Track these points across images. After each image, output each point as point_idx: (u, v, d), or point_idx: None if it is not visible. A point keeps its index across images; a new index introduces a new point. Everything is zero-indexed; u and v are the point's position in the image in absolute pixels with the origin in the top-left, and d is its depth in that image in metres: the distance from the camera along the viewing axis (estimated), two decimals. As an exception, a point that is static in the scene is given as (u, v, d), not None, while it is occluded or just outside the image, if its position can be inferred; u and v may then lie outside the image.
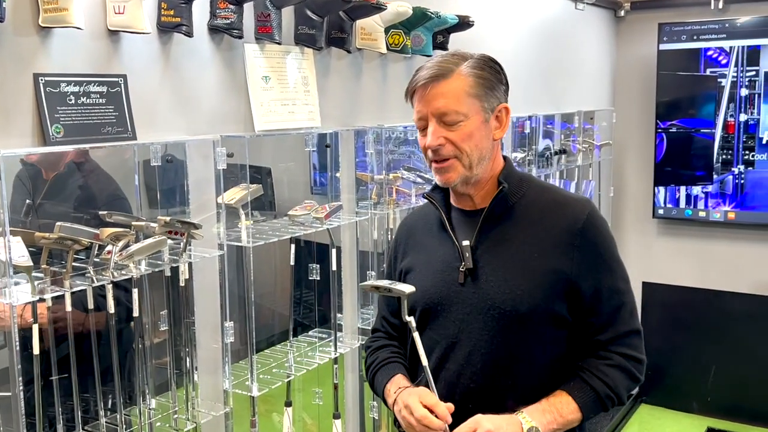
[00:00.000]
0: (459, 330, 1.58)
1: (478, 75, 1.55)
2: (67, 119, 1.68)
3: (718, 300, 4.28)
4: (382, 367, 1.72)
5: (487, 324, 1.55)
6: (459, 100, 1.53)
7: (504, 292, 1.53)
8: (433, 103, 1.53)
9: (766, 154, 4.46)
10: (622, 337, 1.57)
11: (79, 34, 1.69)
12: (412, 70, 2.91)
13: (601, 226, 1.59)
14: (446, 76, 1.53)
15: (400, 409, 1.58)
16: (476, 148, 1.55)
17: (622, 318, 1.58)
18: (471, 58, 1.57)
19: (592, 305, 1.55)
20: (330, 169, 2.55)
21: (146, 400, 1.93)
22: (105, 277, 1.71)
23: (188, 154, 2.00)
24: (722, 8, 4.50)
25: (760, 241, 4.57)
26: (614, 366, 1.56)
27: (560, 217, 1.57)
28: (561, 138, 4.06)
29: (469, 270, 1.58)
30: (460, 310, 1.58)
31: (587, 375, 1.55)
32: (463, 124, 1.53)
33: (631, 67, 4.89)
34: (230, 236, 2.11)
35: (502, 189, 1.58)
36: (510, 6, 3.59)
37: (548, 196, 1.62)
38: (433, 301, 1.62)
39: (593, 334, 1.57)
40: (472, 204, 1.63)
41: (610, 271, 1.57)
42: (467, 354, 1.57)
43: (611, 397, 1.55)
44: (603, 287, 1.55)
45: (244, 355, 2.20)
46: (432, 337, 1.63)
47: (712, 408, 4.25)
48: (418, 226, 1.75)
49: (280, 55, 2.28)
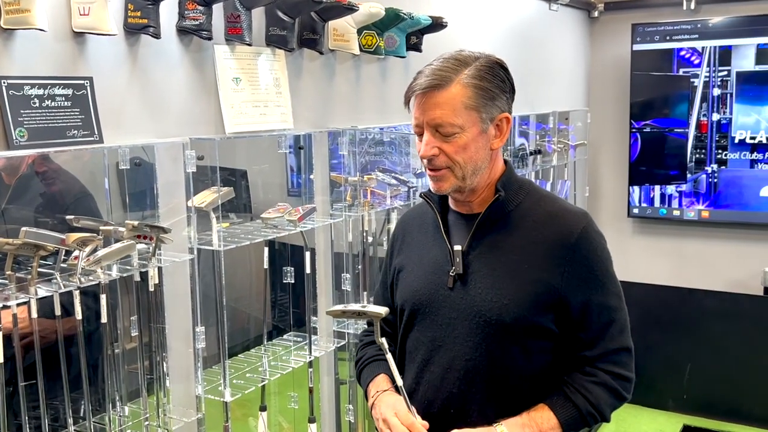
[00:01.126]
0: (444, 334, 1.57)
1: (478, 86, 1.49)
2: (31, 123, 1.65)
3: (693, 298, 4.32)
4: (368, 365, 1.72)
5: (471, 330, 1.53)
6: (455, 111, 1.48)
7: (491, 300, 1.52)
8: (429, 113, 1.49)
9: (738, 153, 4.51)
10: (610, 354, 1.55)
11: (43, 36, 1.66)
12: (385, 71, 2.92)
13: (595, 240, 1.56)
14: (444, 85, 1.47)
15: (377, 419, 1.59)
16: (470, 160, 1.51)
17: (611, 335, 1.55)
18: (473, 64, 1.50)
19: (581, 320, 1.53)
20: (304, 171, 2.53)
21: (117, 407, 1.90)
22: (72, 283, 1.69)
23: (157, 157, 1.98)
24: (694, 9, 4.55)
25: (734, 240, 4.62)
26: (599, 383, 1.53)
27: (555, 229, 1.54)
28: (536, 138, 4.08)
29: (458, 275, 1.56)
30: (446, 314, 1.57)
31: (571, 391, 1.53)
32: (458, 136, 1.49)
33: (606, 67, 4.93)
34: (202, 240, 2.08)
35: (499, 197, 1.55)
36: (484, 7, 3.60)
37: (545, 207, 1.58)
38: (422, 302, 1.61)
39: (581, 349, 1.55)
40: (469, 208, 1.61)
41: (601, 286, 1.54)
42: (451, 358, 1.56)
43: (593, 415, 1.53)
44: (593, 303, 1.53)
45: (218, 359, 2.18)
46: (418, 338, 1.62)
47: (688, 405, 4.29)
48: (415, 224, 1.73)
49: (250, 57, 2.26)
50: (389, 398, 1.59)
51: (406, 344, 1.67)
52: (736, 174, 4.53)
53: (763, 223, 4.49)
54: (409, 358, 1.65)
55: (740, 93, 4.45)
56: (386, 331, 1.77)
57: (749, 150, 4.47)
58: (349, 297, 2.71)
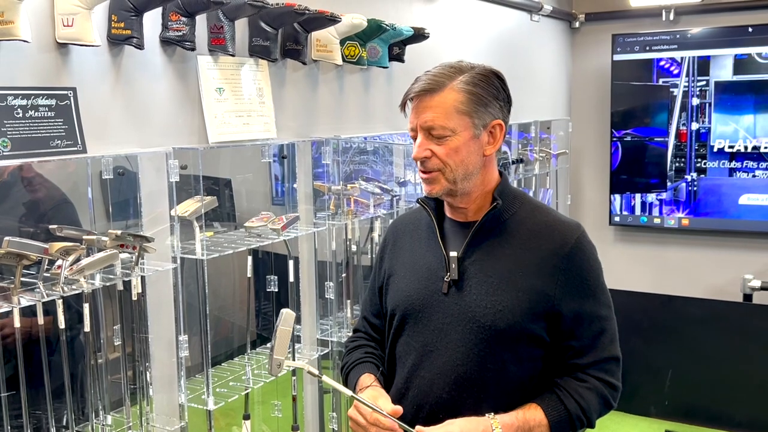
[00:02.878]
0: (436, 339, 1.58)
1: (471, 91, 1.53)
2: (14, 133, 1.66)
3: (674, 305, 4.36)
4: (353, 368, 1.73)
5: (464, 336, 1.55)
6: (447, 115, 1.52)
7: (485, 306, 1.54)
8: (422, 116, 1.53)
9: (717, 162, 4.58)
10: (600, 362, 1.58)
11: (27, 46, 1.67)
12: (368, 81, 2.95)
13: (588, 251, 1.59)
14: (437, 90, 1.52)
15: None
16: (461, 164, 1.55)
17: (602, 344, 1.58)
18: (468, 72, 1.55)
19: (572, 329, 1.56)
20: (287, 180, 2.55)
21: (100, 416, 1.90)
22: (55, 292, 1.69)
23: (140, 167, 1.99)
24: (673, 20, 4.62)
25: (714, 247, 4.68)
26: (590, 389, 1.56)
27: (549, 239, 1.57)
28: (518, 147, 4.12)
29: (453, 281, 1.58)
30: (440, 319, 1.58)
31: (563, 394, 1.55)
32: (449, 138, 1.53)
33: (587, 77, 4.99)
34: (185, 249, 2.09)
35: (496, 205, 1.58)
36: (466, 18, 3.64)
37: (540, 217, 1.62)
38: (415, 307, 1.62)
39: (571, 357, 1.57)
40: (464, 216, 1.63)
41: (593, 296, 1.58)
42: (442, 364, 1.57)
43: (582, 420, 1.56)
44: (584, 312, 1.56)
45: (202, 368, 2.18)
46: (409, 342, 1.63)
47: (670, 411, 4.33)
48: (407, 230, 1.75)
49: (234, 67, 2.28)
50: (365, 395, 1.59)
51: (395, 349, 1.67)
52: (715, 182, 4.60)
53: (742, 230, 4.55)
54: (398, 363, 1.66)
55: (719, 102, 4.52)
56: (374, 336, 1.79)
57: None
58: (333, 305, 2.72)
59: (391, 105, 3.01)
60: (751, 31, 4.38)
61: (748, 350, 4.11)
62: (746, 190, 4.52)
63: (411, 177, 3.03)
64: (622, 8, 4.70)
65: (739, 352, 4.13)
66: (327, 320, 2.73)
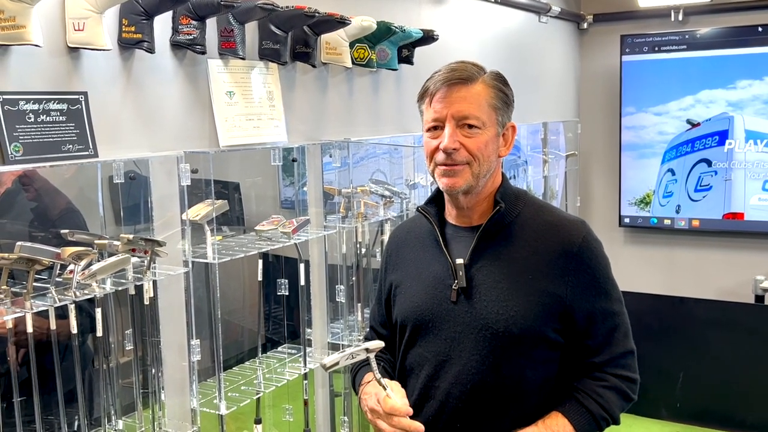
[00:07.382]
0: (450, 348, 1.56)
1: (499, 88, 1.54)
2: (26, 137, 1.66)
3: (684, 307, 4.34)
4: (361, 369, 1.72)
5: (478, 344, 1.53)
6: (481, 107, 1.51)
7: (497, 312, 1.51)
8: (456, 105, 1.50)
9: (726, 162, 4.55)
10: (617, 358, 1.56)
11: (38, 51, 1.67)
12: (377, 83, 2.94)
13: (596, 248, 1.57)
14: (471, 80, 1.51)
15: (365, 411, 1.58)
16: (486, 160, 1.53)
17: (617, 340, 1.57)
18: (488, 71, 1.56)
19: (587, 328, 1.54)
20: (297, 184, 2.55)
21: (112, 420, 1.90)
22: (67, 297, 1.69)
23: (152, 171, 1.98)
24: (682, 20, 4.60)
25: (724, 248, 4.65)
26: (610, 387, 1.54)
27: (556, 239, 1.54)
28: (527, 149, 4.10)
29: (462, 288, 1.55)
30: (451, 328, 1.56)
31: (583, 396, 1.54)
32: (480, 132, 1.51)
33: (596, 78, 4.97)
34: (196, 253, 2.09)
35: (500, 209, 1.55)
36: (474, 20, 3.63)
37: (544, 217, 1.59)
38: (425, 317, 1.59)
39: (588, 356, 1.56)
40: (469, 221, 1.60)
41: (605, 293, 1.56)
42: (457, 373, 1.55)
43: (606, 419, 1.54)
44: (597, 310, 1.54)
45: (213, 372, 2.18)
46: (422, 354, 1.61)
47: (681, 414, 4.30)
48: (409, 240, 1.72)
49: (244, 70, 2.27)
50: (372, 388, 1.58)
51: (406, 360, 1.65)
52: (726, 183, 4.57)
53: (753, 231, 4.52)
54: (412, 375, 1.63)
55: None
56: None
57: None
58: (344, 308, 2.71)
59: (401, 107, 3.01)
60: (761, 30, 4.35)
61: (760, 352, 4.08)
62: (757, 191, 4.49)
63: (421, 179, 3.02)
64: (631, 9, 4.68)
65: (750, 354, 4.10)
66: (338, 323, 2.72)
